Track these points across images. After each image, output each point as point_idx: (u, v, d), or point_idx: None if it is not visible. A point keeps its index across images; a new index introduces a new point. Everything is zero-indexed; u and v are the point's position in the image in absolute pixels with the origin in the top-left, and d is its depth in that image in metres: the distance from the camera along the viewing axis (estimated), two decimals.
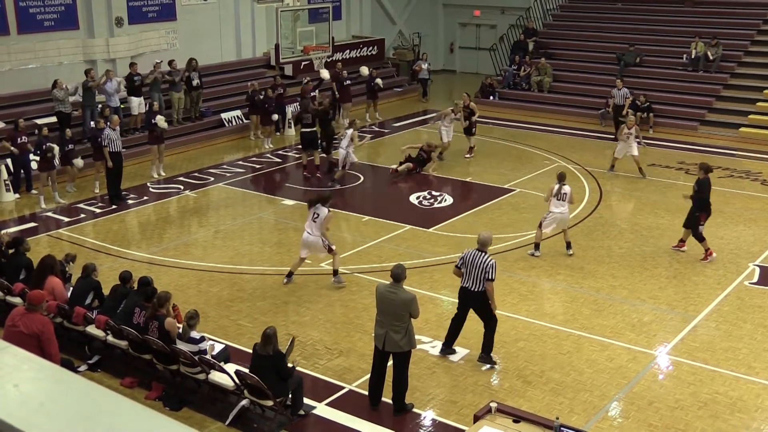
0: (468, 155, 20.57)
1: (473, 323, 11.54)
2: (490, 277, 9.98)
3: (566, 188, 13.80)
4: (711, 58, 24.50)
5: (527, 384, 9.98)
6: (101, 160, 17.08)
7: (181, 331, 9.50)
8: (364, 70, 24.61)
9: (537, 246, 14.04)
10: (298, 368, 9.31)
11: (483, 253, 10.07)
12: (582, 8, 29.79)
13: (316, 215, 12.58)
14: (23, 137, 17.26)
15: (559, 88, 26.27)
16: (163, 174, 19.06)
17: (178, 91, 21.62)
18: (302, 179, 18.95)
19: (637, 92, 22.95)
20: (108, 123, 17.09)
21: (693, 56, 24.75)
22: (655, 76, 25.00)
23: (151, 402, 9.57)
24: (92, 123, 18.52)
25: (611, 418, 9.35)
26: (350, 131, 18.50)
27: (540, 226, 13.99)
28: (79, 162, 17.60)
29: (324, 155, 19.30)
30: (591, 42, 27.65)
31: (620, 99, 22.27)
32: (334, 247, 12.77)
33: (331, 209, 12.90)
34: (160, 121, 18.40)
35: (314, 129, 18.93)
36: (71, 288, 11.09)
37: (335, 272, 12.81)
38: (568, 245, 14.11)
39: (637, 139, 18.43)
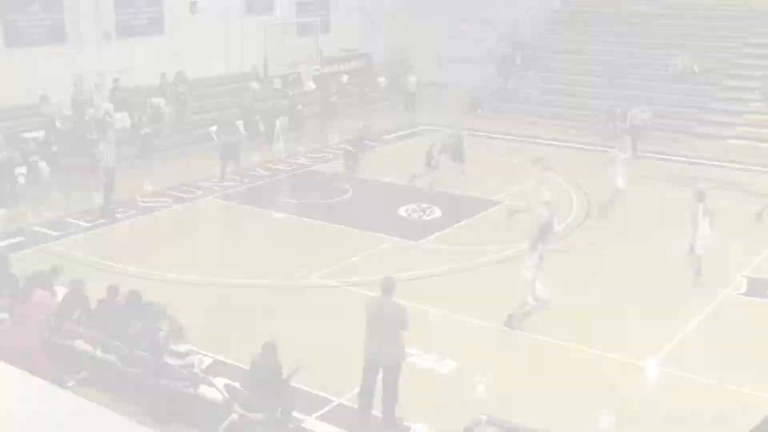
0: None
1: (470, 335, 11.53)
2: None
3: (708, 205, 13.17)
4: (697, 71, 24.68)
5: (517, 396, 9.96)
6: (94, 171, 17.02)
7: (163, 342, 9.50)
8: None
9: (698, 272, 13.34)
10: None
11: None
12: (570, 22, 29.96)
13: None
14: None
15: (546, 101, 26.37)
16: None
17: (167, 104, 21.61)
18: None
19: (623, 105, 23.06)
20: (102, 137, 17.07)
21: (680, 69, 24.92)
22: (642, 88, 25.13)
23: (139, 417, 9.51)
24: (91, 135, 18.48)
25: (602, 431, 9.34)
26: (621, 156, 16.62)
27: (694, 251, 13.18)
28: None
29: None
30: (578, 55, 27.80)
31: (642, 120, 22.26)
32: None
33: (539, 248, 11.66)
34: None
35: None
36: (59, 302, 11.02)
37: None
38: (699, 271, 13.36)
39: None
